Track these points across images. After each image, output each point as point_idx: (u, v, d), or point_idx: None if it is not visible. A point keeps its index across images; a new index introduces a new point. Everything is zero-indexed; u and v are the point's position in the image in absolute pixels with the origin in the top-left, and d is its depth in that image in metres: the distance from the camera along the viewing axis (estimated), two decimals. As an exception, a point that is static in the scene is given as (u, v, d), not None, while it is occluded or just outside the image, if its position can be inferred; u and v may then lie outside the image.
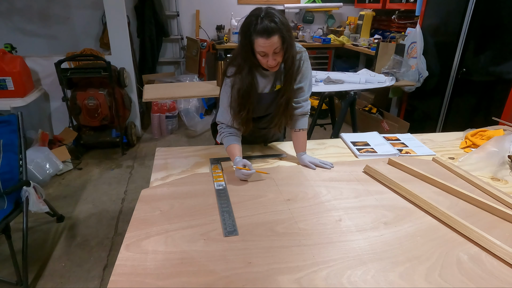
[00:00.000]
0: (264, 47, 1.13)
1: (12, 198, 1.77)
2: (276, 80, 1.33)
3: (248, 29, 1.14)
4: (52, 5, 3.75)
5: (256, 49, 1.15)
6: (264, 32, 1.10)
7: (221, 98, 1.35)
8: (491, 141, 1.49)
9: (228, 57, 2.72)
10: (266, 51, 1.15)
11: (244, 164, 1.24)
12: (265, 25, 1.10)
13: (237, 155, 1.29)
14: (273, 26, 1.11)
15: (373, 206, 1.13)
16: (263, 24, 1.10)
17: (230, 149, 1.32)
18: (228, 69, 1.30)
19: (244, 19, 1.19)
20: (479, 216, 1.09)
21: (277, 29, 1.11)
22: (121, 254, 0.88)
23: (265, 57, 1.17)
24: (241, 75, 1.25)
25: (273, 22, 1.11)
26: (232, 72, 1.28)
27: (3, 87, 2.81)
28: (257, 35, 1.12)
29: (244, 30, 1.16)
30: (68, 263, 1.91)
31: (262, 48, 1.14)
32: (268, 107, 1.38)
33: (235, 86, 1.27)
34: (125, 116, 3.33)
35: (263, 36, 1.11)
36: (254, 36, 1.13)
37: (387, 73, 3.04)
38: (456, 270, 0.86)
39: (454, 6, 2.78)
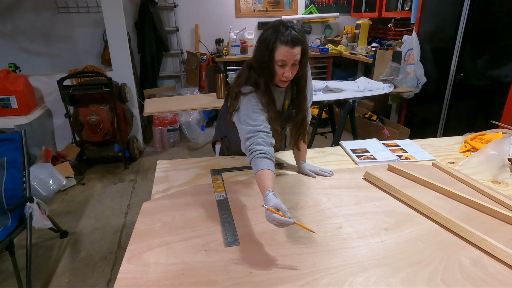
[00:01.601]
0: (286, 56, 1.12)
1: (16, 214, 1.78)
2: (286, 97, 1.35)
3: (272, 36, 1.12)
4: (54, 24, 3.84)
5: (277, 57, 1.13)
6: (290, 41, 1.11)
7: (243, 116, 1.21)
8: (490, 144, 1.49)
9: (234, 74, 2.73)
10: (287, 61, 1.13)
11: (278, 208, 0.93)
12: (292, 35, 1.11)
13: (269, 187, 1.02)
14: (299, 37, 1.12)
15: (374, 212, 1.13)
16: (290, 33, 1.11)
17: (261, 176, 1.06)
18: (244, 88, 1.23)
19: (266, 29, 1.16)
20: (480, 220, 1.09)
21: (301, 41, 1.13)
22: (123, 267, 0.89)
23: (282, 68, 1.16)
24: (261, 90, 1.21)
25: (299, 34, 1.13)
26: (250, 90, 1.22)
27: (7, 105, 2.86)
28: (282, 43, 1.11)
29: (267, 37, 1.14)
30: (72, 278, 1.90)
31: (283, 56, 1.12)
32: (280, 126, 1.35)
33: (259, 99, 1.21)
34: (127, 131, 3.36)
35: (288, 44, 1.11)
36: (278, 44, 1.12)
37: (385, 80, 3.06)
38: (458, 274, 0.85)
39: (448, 13, 2.81)
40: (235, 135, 1.36)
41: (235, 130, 1.35)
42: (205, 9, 4.31)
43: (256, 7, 4.48)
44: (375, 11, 3.99)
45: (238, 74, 1.32)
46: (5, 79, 2.82)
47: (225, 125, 1.50)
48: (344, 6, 4.71)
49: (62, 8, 3.78)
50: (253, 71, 1.24)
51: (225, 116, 1.44)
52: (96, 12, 3.84)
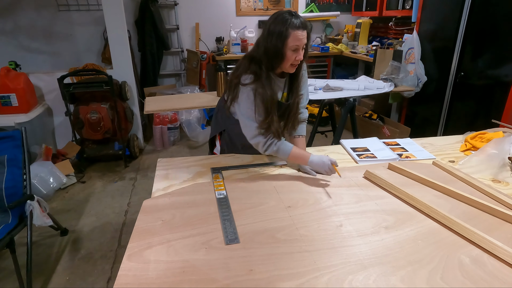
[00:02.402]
0: (300, 39, 1.20)
1: (16, 212, 1.78)
2: (284, 89, 1.39)
3: (284, 24, 1.19)
4: (55, 22, 3.83)
5: (290, 43, 1.20)
6: (301, 26, 1.20)
7: (244, 107, 1.30)
8: (491, 143, 1.49)
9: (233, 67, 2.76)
10: (300, 45, 1.21)
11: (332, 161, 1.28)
12: (301, 20, 1.20)
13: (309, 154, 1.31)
14: (306, 22, 1.22)
15: (374, 210, 1.13)
16: (298, 19, 1.20)
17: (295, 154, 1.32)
18: (243, 77, 1.28)
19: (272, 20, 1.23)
20: (480, 219, 1.09)
21: (307, 26, 1.23)
22: (124, 265, 0.89)
23: (295, 52, 1.23)
24: (261, 82, 1.26)
25: (304, 20, 1.22)
26: (250, 79, 1.27)
27: (8, 103, 2.86)
28: (294, 29, 1.19)
29: (277, 26, 1.20)
30: (72, 276, 1.91)
31: (297, 41, 1.20)
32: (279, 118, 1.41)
33: (259, 90, 1.26)
34: (127, 129, 3.36)
35: (299, 29, 1.19)
36: (290, 30, 1.19)
37: (385, 79, 3.06)
38: (458, 272, 0.86)
39: (449, 12, 2.81)
40: (236, 128, 1.43)
41: (234, 123, 1.41)
42: (205, 7, 4.31)
43: (256, 5, 4.47)
44: (376, 10, 3.99)
45: (236, 67, 1.35)
46: (5, 77, 2.82)
47: (223, 119, 1.51)
48: (344, 4, 4.71)
49: (62, 6, 3.78)
50: (254, 63, 1.28)
51: (223, 110, 1.48)
52: (97, 10, 3.83)
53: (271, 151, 1.32)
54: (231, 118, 1.46)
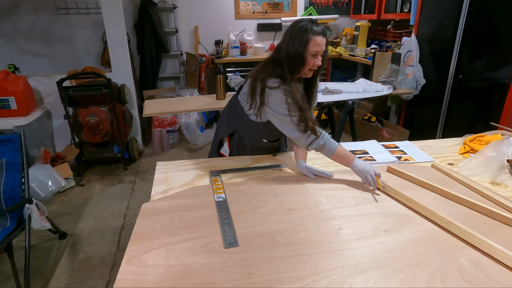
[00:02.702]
0: (319, 45, 1.26)
1: (15, 216, 1.78)
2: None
3: (305, 31, 1.25)
4: (54, 25, 3.84)
5: (311, 48, 1.26)
6: (321, 32, 1.27)
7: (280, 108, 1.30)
8: (489, 146, 1.50)
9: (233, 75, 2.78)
10: (319, 50, 1.27)
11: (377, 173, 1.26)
12: (321, 27, 1.27)
13: (354, 157, 1.31)
14: (325, 30, 1.29)
15: (373, 213, 1.13)
16: (318, 26, 1.27)
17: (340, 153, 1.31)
18: (269, 81, 1.31)
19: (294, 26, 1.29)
20: (479, 221, 1.09)
21: (326, 33, 1.30)
22: (122, 268, 0.88)
23: (314, 58, 1.28)
24: (288, 83, 1.30)
25: (324, 27, 1.29)
26: (278, 82, 1.31)
27: (6, 106, 2.85)
28: (315, 34, 1.25)
29: (299, 31, 1.26)
30: (70, 280, 1.90)
31: (317, 47, 1.26)
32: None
33: (288, 90, 1.29)
34: (126, 132, 3.36)
35: (320, 35, 1.26)
36: (311, 36, 1.25)
37: (384, 82, 3.07)
38: (458, 275, 0.86)
39: (447, 14, 2.83)
40: (248, 129, 1.48)
41: (249, 124, 1.45)
42: (204, 10, 4.32)
43: (255, 8, 4.49)
44: (375, 13, 4.01)
45: (257, 71, 1.37)
46: (4, 80, 2.82)
47: (236, 120, 1.51)
48: (343, 7, 4.73)
49: (61, 9, 3.79)
50: (277, 66, 1.32)
51: (235, 110, 1.49)
52: (96, 13, 3.85)
53: (316, 146, 1.32)
54: (245, 119, 1.46)
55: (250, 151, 1.57)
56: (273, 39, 4.66)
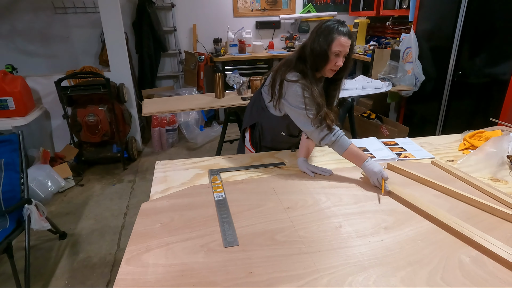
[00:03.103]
0: (343, 46, 1.27)
1: (14, 216, 1.77)
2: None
3: (331, 30, 1.27)
4: (52, 25, 3.82)
5: (334, 48, 1.27)
6: (347, 33, 1.27)
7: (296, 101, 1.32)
8: (489, 142, 1.49)
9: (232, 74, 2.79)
10: (342, 51, 1.28)
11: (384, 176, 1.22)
12: (347, 29, 1.29)
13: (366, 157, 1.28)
14: (351, 32, 1.31)
15: (373, 211, 1.12)
16: (345, 27, 1.28)
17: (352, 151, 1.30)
18: (288, 74, 1.34)
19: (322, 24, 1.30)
20: (480, 218, 1.08)
21: (352, 36, 1.31)
22: (122, 269, 0.88)
23: (336, 57, 1.29)
24: (308, 79, 1.32)
25: (350, 30, 1.30)
26: (297, 76, 1.33)
27: (5, 107, 2.85)
28: (340, 34, 1.26)
29: (326, 29, 1.28)
30: (71, 280, 1.90)
31: (340, 47, 1.27)
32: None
33: (307, 85, 1.31)
34: (125, 131, 3.35)
35: (345, 35, 1.27)
36: (335, 35, 1.26)
37: (383, 79, 3.06)
38: (458, 272, 0.85)
39: (446, 11, 2.82)
40: (269, 121, 1.54)
41: (270, 117, 1.51)
42: (202, 8, 4.31)
43: (254, 6, 4.47)
44: (373, 10, 3.99)
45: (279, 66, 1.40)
46: (2, 81, 2.80)
47: (258, 112, 1.58)
48: (342, 4, 4.71)
49: (59, 9, 3.77)
50: (300, 62, 1.35)
51: (258, 103, 1.56)
52: (94, 13, 3.83)
53: (328, 141, 1.31)
54: (266, 112, 1.53)
55: (271, 141, 1.63)
56: (272, 36, 4.65)
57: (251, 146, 1.69)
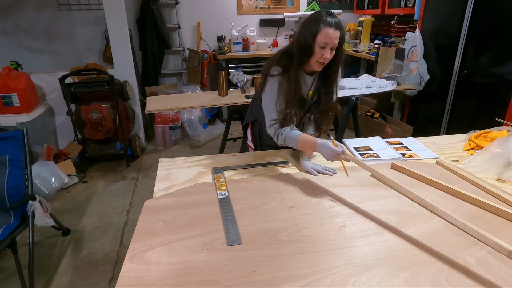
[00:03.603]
0: (329, 37, 1.22)
1: (18, 212, 1.78)
2: (311, 86, 1.41)
3: (317, 20, 1.23)
4: (56, 22, 3.83)
5: (319, 39, 1.23)
6: (333, 24, 1.23)
7: (265, 98, 1.36)
8: (495, 142, 1.48)
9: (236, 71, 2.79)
10: (328, 43, 1.23)
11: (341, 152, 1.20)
12: (334, 20, 1.24)
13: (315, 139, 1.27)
14: (340, 24, 1.25)
15: (377, 211, 1.12)
16: (332, 18, 1.24)
17: (302, 139, 1.29)
18: (272, 68, 1.34)
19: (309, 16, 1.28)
20: (485, 219, 1.07)
21: (341, 28, 1.26)
22: (125, 266, 0.88)
23: (322, 50, 1.25)
24: (289, 74, 1.31)
25: (339, 21, 1.25)
26: (279, 71, 1.32)
27: (9, 103, 2.86)
28: (326, 25, 1.22)
29: (311, 21, 1.25)
30: (74, 276, 1.91)
31: (326, 38, 1.22)
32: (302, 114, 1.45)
33: (283, 83, 1.31)
34: (128, 129, 3.36)
35: (332, 27, 1.22)
36: (322, 26, 1.22)
37: (388, 78, 3.04)
38: (463, 273, 0.84)
39: (452, 9, 2.79)
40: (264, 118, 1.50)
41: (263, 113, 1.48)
42: (206, 6, 4.30)
43: (258, 4, 4.46)
44: (378, 8, 3.97)
45: (269, 59, 1.41)
46: (7, 77, 2.82)
47: (257, 109, 1.58)
48: (346, 3, 4.69)
49: (63, 6, 3.78)
50: (286, 56, 1.33)
51: (256, 101, 1.58)
52: (98, 10, 3.83)
53: (281, 141, 1.35)
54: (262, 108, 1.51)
55: (270, 140, 1.59)
56: (276, 34, 4.63)
57: (252, 143, 1.69)
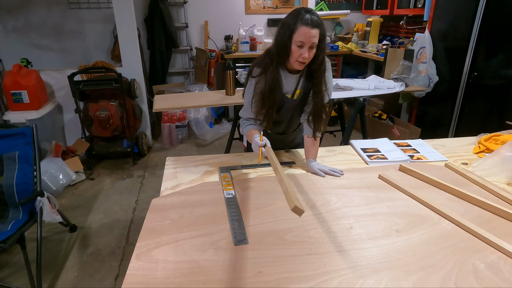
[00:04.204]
0: (306, 36, 1.18)
1: (27, 208, 1.80)
2: (298, 85, 1.38)
3: (294, 18, 1.19)
4: (65, 20, 3.87)
5: (296, 38, 1.19)
6: (310, 23, 1.17)
7: (245, 96, 1.42)
8: (506, 146, 1.45)
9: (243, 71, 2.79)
10: (305, 42, 1.19)
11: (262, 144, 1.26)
12: (312, 18, 1.18)
13: (257, 133, 1.32)
14: (318, 21, 1.19)
15: (385, 213, 1.11)
16: (310, 16, 1.18)
17: (249, 134, 1.37)
18: (254, 69, 1.35)
19: (289, 14, 1.24)
20: (495, 223, 1.06)
21: (320, 25, 1.20)
22: (132, 264, 0.89)
23: (300, 49, 1.21)
24: (267, 74, 1.30)
25: (318, 19, 1.20)
26: (258, 72, 1.33)
27: (19, 100, 2.89)
28: (302, 24, 1.17)
29: (288, 19, 1.21)
30: (80, 272, 1.93)
31: (303, 37, 1.18)
32: (287, 112, 1.44)
33: (258, 84, 1.32)
34: (136, 127, 3.38)
35: (308, 25, 1.17)
36: (298, 25, 1.18)
37: (396, 79, 3.02)
38: (473, 278, 0.83)
39: (463, 10, 2.75)
40: None
41: None
42: (214, 5, 4.30)
43: (266, 3, 4.45)
44: (387, 8, 3.93)
45: (255, 59, 1.41)
46: (17, 74, 2.85)
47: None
48: (355, 3, 4.66)
49: (73, 4, 3.81)
50: (269, 55, 1.32)
51: None
52: (107, 8, 3.86)
53: (241, 131, 1.47)
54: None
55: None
56: (283, 34, 4.61)
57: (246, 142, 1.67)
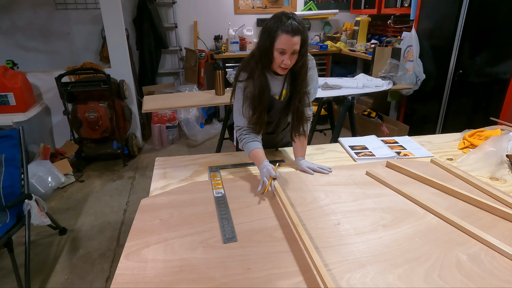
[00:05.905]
0: (286, 44, 1.18)
1: (14, 212, 1.78)
2: (283, 86, 1.38)
3: (275, 25, 1.18)
4: (52, 21, 3.82)
5: (277, 45, 1.19)
6: (290, 30, 1.16)
7: (235, 102, 1.38)
8: (489, 141, 1.49)
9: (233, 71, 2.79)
10: (286, 49, 1.19)
11: (275, 176, 1.21)
12: (292, 24, 1.17)
13: (264, 159, 1.29)
14: (299, 28, 1.18)
15: (372, 209, 1.13)
16: (291, 23, 1.17)
17: (254, 153, 1.31)
18: (240, 74, 1.33)
19: (270, 19, 1.23)
20: (478, 216, 1.09)
21: (301, 31, 1.19)
22: (121, 264, 0.89)
23: (282, 55, 1.21)
24: (253, 79, 1.29)
25: (299, 25, 1.19)
26: (245, 76, 1.31)
27: (5, 102, 2.85)
28: (283, 32, 1.17)
29: (269, 26, 1.20)
30: (71, 275, 1.91)
31: (283, 45, 1.18)
32: (276, 113, 1.44)
33: (247, 89, 1.30)
34: (125, 128, 3.35)
35: (288, 33, 1.16)
36: (279, 32, 1.17)
37: (384, 77, 3.06)
38: (456, 270, 0.86)
39: (448, 9, 2.81)
40: None
41: None
42: (203, 5, 4.30)
43: (255, 3, 4.46)
44: (375, 8, 3.98)
45: (241, 62, 1.39)
46: (3, 76, 2.81)
47: None
48: (343, 2, 4.70)
49: (60, 5, 3.76)
50: (253, 59, 1.31)
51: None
52: (94, 9, 3.82)
53: (241, 147, 1.39)
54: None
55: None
56: (273, 34, 4.63)
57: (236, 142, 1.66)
